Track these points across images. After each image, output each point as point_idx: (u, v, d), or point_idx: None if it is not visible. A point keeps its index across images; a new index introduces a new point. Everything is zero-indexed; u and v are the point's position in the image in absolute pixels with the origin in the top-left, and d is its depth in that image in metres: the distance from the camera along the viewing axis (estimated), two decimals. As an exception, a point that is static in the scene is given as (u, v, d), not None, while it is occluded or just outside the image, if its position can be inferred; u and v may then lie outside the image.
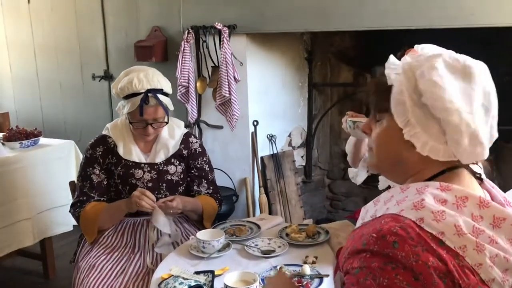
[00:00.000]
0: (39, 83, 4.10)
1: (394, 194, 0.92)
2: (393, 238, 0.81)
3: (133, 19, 3.43)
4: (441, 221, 0.82)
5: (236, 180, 3.19)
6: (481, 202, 0.85)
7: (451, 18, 2.30)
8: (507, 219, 0.84)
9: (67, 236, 3.06)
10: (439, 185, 0.87)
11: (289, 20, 2.76)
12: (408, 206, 0.85)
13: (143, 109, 1.95)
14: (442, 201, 0.85)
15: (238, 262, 1.71)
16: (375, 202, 0.96)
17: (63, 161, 2.92)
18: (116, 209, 2.00)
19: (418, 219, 0.82)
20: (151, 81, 1.99)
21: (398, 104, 0.90)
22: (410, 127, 0.89)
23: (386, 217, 0.87)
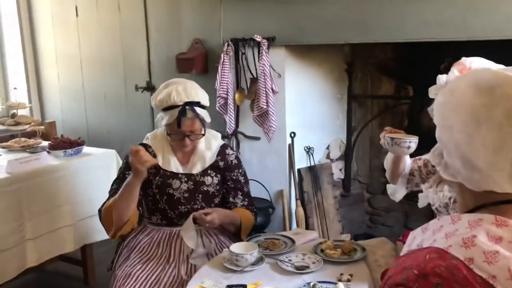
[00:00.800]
0: (85, 94, 4.24)
1: (444, 224, 0.85)
2: (436, 279, 0.74)
3: (175, 32, 3.50)
4: (493, 263, 0.74)
5: (273, 192, 3.17)
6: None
7: (497, 30, 2.21)
8: None
9: (107, 243, 3.11)
10: (494, 219, 0.79)
11: (328, 32, 2.73)
12: (458, 242, 0.78)
13: (181, 122, 1.98)
14: (496, 239, 0.77)
15: (271, 277, 1.69)
16: (423, 230, 0.89)
17: (104, 169, 2.99)
18: (126, 185, 1.96)
19: (467, 259, 0.75)
20: (189, 94, 2.02)
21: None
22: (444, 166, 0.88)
23: (431, 250, 0.80)
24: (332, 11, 2.70)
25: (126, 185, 1.97)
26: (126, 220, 1.99)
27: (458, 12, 2.30)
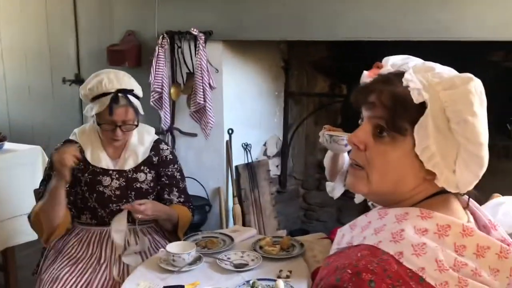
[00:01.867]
0: (6, 87, 3.96)
1: (372, 220, 0.86)
2: (369, 276, 0.75)
3: (106, 22, 3.35)
4: (421, 255, 0.76)
5: (210, 190, 3.13)
6: (464, 230, 0.80)
7: (427, 31, 2.31)
8: (491, 247, 0.80)
9: (30, 245, 2.93)
10: (419, 212, 0.82)
11: (265, 28, 2.73)
12: (387, 237, 0.79)
13: (113, 110, 1.88)
14: (423, 231, 0.79)
15: (210, 276, 1.65)
16: (351, 227, 0.90)
17: (29, 167, 2.80)
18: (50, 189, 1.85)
19: (397, 253, 0.77)
20: (122, 81, 1.94)
21: (421, 127, 0.81)
22: (429, 155, 0.81)
23: (363, 248, 0.80)
24: (270, 8, 2.70)
25: (50, 188, 1.85)
26: (56, 224, 1.90)
27: (391, 13, 2.38)
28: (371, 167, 0.85)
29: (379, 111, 0.84)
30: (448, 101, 0.81)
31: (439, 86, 0.82)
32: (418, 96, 0.81)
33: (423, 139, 0.81)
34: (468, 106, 0.81)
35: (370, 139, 0.85)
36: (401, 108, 0.82)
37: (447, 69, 0.87)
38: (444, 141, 0.82)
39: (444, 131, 0.81)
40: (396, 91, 0.83)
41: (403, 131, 0.82)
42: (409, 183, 0.84)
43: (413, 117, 0.82)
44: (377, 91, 0.85)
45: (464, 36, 2.25)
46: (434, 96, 0.82)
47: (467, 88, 0.81)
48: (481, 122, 0.82)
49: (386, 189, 0.86)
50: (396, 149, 0.83)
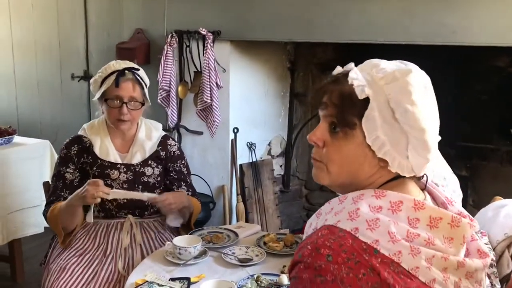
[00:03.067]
0: (16, 81, 4.00)
1: (333, 205, 0.92)
2: (327, 251, 0.82)
3: (116, 20, 3.39)
4: (375, 229, 0.83)
5: (214, 187, 3.16)
6: (416, 204, 0.87)
7: (432, 35, 2.34)
8: (443, 218, 0.87)
9: (37, 238, 2.98)
10: (374, 192, 0.89)
11: (273, 29, 2.77)
12: (345, 217, 0.86)
13: (119, 82, 1.93)
14: (377, 208, 0.86)
15: (215, 270, 1.68)
16: (317, 215, 0.96)
17: (37, 161, 2.85)
18: (70, 206, 1.89)
19: (353, 229, 0.83)
20: (129, 63, 2.03)
21: (369, 119, 0.89)
22: (380, 144, 0.89)
23: (323, 228, 0.87)
24: (277, 9, 2.74)
25: (71, 203, 1.89)
26: (73, 229, 1.98)
27: (397, 17, 2.41)
28: (329, 161, 0.93)
29: (330, 110, 0.92)
30: (390, 93, 0.89)
31: (382, 80, 0.90)
32: (361, 92, 0.89)
33: (372, 130, 0.89)
34: (407, 96, 0.88)
35: (327, 136, 0.93)
36: (348, 104, 0.90)
37: (392, 64, 0.94)
38: (392, 130, 0.89)
39: (390, 122, 0.89)
40: (344, 90, 0.91)
41: (352, 125, 0.90)
42: (365, 171, 0.92)
43: (360, 111, 0.89)
44: (328, 92, 0.93)
45: (470, 41, 2.28)
46: (378, 90, 0.89)
47: (405, 80, 0.89)
48: (422, 110, 0.88)
49: (345, 179, 0.93)
50: (349, 142, 0.91)
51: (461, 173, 2.93)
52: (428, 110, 0.90)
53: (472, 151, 2.89)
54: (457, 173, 2.95)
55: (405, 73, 0.89)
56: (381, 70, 0.91)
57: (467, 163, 2.93)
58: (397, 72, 0.90)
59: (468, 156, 2.91)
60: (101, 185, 1.81)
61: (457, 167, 2.94)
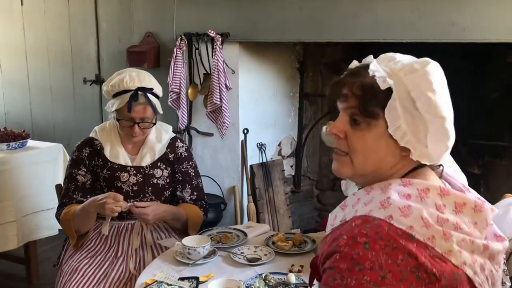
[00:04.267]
0: (30, 86, 4.07)
1: (360, 196, 0.94)
2: (364, 239, 0.84)
3: (126, 25, 3.43)
4: (408, 215, 0.85)
5: (225, 188, 3.18)
6: (442, 191, 0.89)
7: (443, 33, 2.32)
8: (467, 203, 0.89)
9: (51, 240, 3.03)
10: (400, 181, 0.91)
11: (281, 30, 2.77)
12: (376, 206, 0.88)
13: (131, 106, 1.94)
14: (406, 196, 0.88)
15: (223, 269, 1.69)
16: (342, 207, 0.98)
17: (50, 164, 2.89)
18: (86, 212, 1.92)
19: (388, 216, 0.85)
20: (143, 80, 2.00)
21: (391, 109, 0.91)
22: (402, 133, 0.91)
23: (356, 219, 0.89)
24: (286, 10, 2.74)
25: (85, 211, 1.92)
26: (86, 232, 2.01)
27: (407, 15, 2.40)
28: (354, 152, 0.95)
29: (352, 101, 0.94)
30: (411, 84, 0.91)
31: (402, 72, 0.92)
32: (383, 83, 0.91)
33: (394, 120, 0.91)
34: (428, 85, 0.90)
35: (348, 128, 0.95)
36: (371, 95, 0.92)
37: (407, 57, 0.97)
38: (413, 120, 0.91)
39: (411, 111, 0.91)
40: (365, 81, 0.93)
41: (375, 115, 0.92)
42: (389, 161, 0.94)
43: (382, 102, 0.91)
44: (348, 84, 0.95)
45: (481, 38, 2.26)
46: (398, 81, 0.91)
47: (425, 70, 0.91)
48: (442, 98, 0.92)
49: (369, 169, 0.95)
50: (372, 133, 0.93)
51: (473, 171, 2.90)
52: (447, 99, 0.93)
53: (484, 148, 2.86)
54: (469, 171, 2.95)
55: (424, 64, 0.92)
56: (399, 62, 0.94)
57: (479, 161, 2.90)
58: (416, 64, 0.93)
59: (480, 154, 2.88)
60: (121, 200, 1.84)
61: (469, 165, 2.91)
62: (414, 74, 0.91)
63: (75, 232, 1.97)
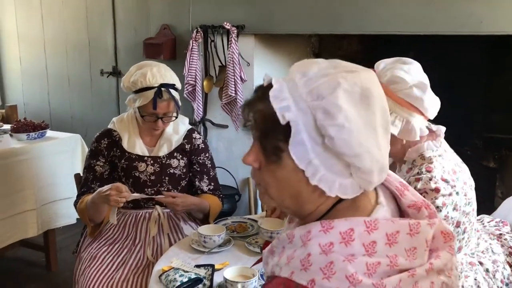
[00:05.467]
0: (48, 77, 4.14)
1: (284, 244, 0.84)
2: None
3: (143, 17, 3.46)
4: (331, 277, 0.75)
5: (239, 180, 3.21)
6: (368, 226, 0.78)
7: (459, 25, 2.31)
8: (400, 231, 0.79)
9: (70, 229, 3.09)
10: (320, 226, 0.79)
11: (297, 22, 2.78)
12: (298, 267, 0.78)
13: (157, 104, 1.97)
14: (328, 246, 0.77)
15: (238, 257, 1.72)
16: (271, 252, 0.88)
17: (69, 154, 2.95)
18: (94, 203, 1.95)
19: (309, 281, 0.76)
20: (164, 76, 2.02)
21: (297, 144, 0.77)
22: (313, 170, 0.78)
23: (279, 283, 0.80)
24: (301, 1, 2.75)
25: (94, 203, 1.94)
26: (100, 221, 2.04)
27: (423, 7, 2.39)
28: (267, 185, 0.84)
29: (256, 132, 0.83)
30: (316, 114, 0.77)
31: (309, 97, 0.78)
32: (282, 117, 0.77)
33: (303, 155, 0.78)
34: (330, 121, 0.76)
35: (262, 158, 0.83)
36: (271, 128, 0.79)
37: (324, 69, 0.80)
38: (325, 153, 0.78)
39: (321, 144, 0.77)
40: (267, 111, 0.80)
41: (278, 151, 0.79)
42: (306, 197, 0.82)
43: (285, 136, 0.78)
44: (253, 111, 0.83)
45: (497, 30, 2.25)
46: (305, 108, 0.77)
47: (330, 99, 0.76)
48: (352, 133, 0.76)
49: (287, 204, 0.84)
50: (281, 168, 0.81)
51: (489, 164, 2.89)
52: (365, 127, 0.77)
53: (500, 142, 2.84)
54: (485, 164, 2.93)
55: (331, 89, 0.76)
56: (308, 83, 0.79)
57: (495, 154, 2.88)
58: (324, 87, 0.77)
59: (497, 147, 2.86)
60: (124, 191, 1.86)
61: (485, 158, 2.90)
62: (319, 102, 0.76)
63: (89, 222, 2.02)
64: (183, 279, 1.51)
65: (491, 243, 1.63)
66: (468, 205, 1.48)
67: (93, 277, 1.86)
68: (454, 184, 1.43)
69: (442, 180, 1.42)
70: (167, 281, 1.53)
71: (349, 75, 0.78)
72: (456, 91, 2.72)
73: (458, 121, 2.67)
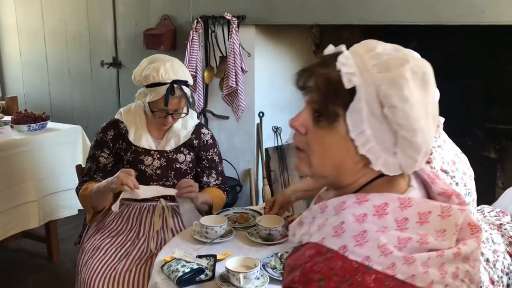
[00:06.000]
0: (48, 68, 4.13)
1: (315, 215, 0.86)
2: (317, 276, 0.76)
3: (143, 8, 3.44)
4: (363, 244, 0.77)
5: (240, 171, 3.21)
6: (402, 203, 0.80)
7: (461, 15, 2.30)
8: (432, 212, 0.81)
9: (71, 220, 3.11)
10: (355, 198, 0.81)
11: (298, 13, 2.76)
12: (329, 233, 0.80)
13: (168, 100, 1.95)
14: (361, 217, 0.79)
15: (240, 248, 1.73)
16: (299, 224, 0.89)
17: (70, 145, 2.95)
18: (101, 192, 1.94)
19: (341, 247, 0.78)
20: (177, 72, 1.99)
21: (355, 112, 0.80)
22: (364, 140, 0.80)
23: (309, 247, 0.81)
24: (302, -8, 2.73)
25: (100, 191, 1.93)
26: (102, 209, 2.02)
27: (424, -4, 2.37)
28: (311, 151, 0.85)
29: (315, 95, 0.84)
30: (381, 85, 0.79)
31: (375, 68, 0.80)
32: (348, 81, 0.80)
33: (357, 124, 0.80)
34: (397, 91, 0.78)
35: (310, 123, 0.85)
36: (333, 92, 0.81)
37: (390, 49, 0.84)
38: (379, 125, 0.80)
39: (378, 116, 0.79)
40: (330, 75, 0.82)
41: (335, 116, 0.81)
42: (349, 167, 0.83)
43: (345, 102, 0.80)
44: (314, 75, 0.85)
45: (499, 20, 2.23)
46: (369, 79, 0.80)
47: (399, 71, 0.79)
48: (414, 107, 0.79)
49: (327, 173, 0.85)
50: (332, 134, 0.82)
51: (490, 155, 2.89)
52: (423, 108, 0.80)
53: (501, 132, 2.84)
54: (486, 155, 2.93)
55: (401, 63, 0.80)
56: (376, 56, 0.82)
57: (496, 145, 2.88)
58: (393, 61, 0.80)
59: (498, 138, 2.86)
60: (133, 175, 1.85)
61: (486, 149, 2.90)
62: (386, 74, 0.79)
63: (91, 208, 2.01)
64: (185, 269, 1.51)
65: (491, 233, 1.63)
66: (468, 195, 1.48)
67: (96, 267, 1.87)
68: (454, 175, 1.44)
69: (441, 171, 1.42)
70: (169, 271, 1.53)
71: (414, 58, 0.82)
72: (457, 81, 2.71)
73: (459, 112, 2.67)
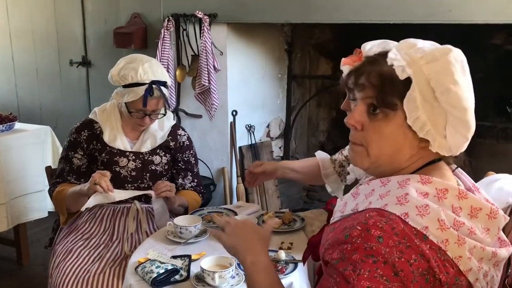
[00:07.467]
0: (15, 68, 4.02)
1: (375, 187, 0.93)
2: (378, 232, 0.83)
3: (112, 5, 3.39)
4: (425, 215, 0.84)
5: (214, 170, 3.20)
6: (460, 193, 0.88)
7: (431, 14, 2.34)
8: (482, 209, 0.89)
9: (41, 222, 3.03)
10: (419, 178, 0.89)
11: (270, 11, 2.77)
12: (392, 201, 0.87)
13: (147, 101, 1.91)
14: (424, 194, 0.87)
15: (215, 247, 1.71)
16: (353, 195, 0.97)
17: (38, 146, 2.88)
18: (77, 192, 1.90)
19: (403, 214, 0.85)
20: (155, 72, 1.96)
21: (410, 100, 0.88)
22: (421, 124, 0.88)
23: (370, 211, 0.88)
24: (274, -10, 2.74)
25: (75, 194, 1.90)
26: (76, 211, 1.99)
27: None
28: (369, 143, 0.92)
29: (369, 91, 0.91)
30: (431, 73, 0.88)
31: (422, 60, 0.89)
32: (402, 72, 0.88)
33: (413, 110, 0.88)
34: (449, 76, 0.88)
35: (365, 119, 0.92)
36: (389, 85, 0.89)
37: (428, 44, 0.94)
38: (432, 110, 0.88)
39: (431, 101, 0.88)
40: (383, 71, 0.90)
41: (393, 106, 0.89)
42: (406, 153, 0.92)
43: (401, 92, 0.89)
44: (366, 73, 0.92)
45: (466, 19, 2.29)
46: (417, 70, 0.88)
47: (446, 59, 0.88)
48: (464, 89, 0.89)
49: (385, 161, 0.93)
50: (389, 124, 0.90)
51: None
52: (469, 88, 0.90)
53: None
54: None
55: (445, 52, 0.89)
56: (419, 50, 0.91)
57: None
58: (437, 52, 0.90)
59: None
60: (108, 177, 1.82)
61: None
62: (434, 63, 0.88)
63: (66, 211, 1.97)
64: (160, 270, 1.50)
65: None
66: None
67: (68, 271, 1.82)
68: None
69: None
70: (144, 272, 1.52)
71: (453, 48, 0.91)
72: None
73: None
